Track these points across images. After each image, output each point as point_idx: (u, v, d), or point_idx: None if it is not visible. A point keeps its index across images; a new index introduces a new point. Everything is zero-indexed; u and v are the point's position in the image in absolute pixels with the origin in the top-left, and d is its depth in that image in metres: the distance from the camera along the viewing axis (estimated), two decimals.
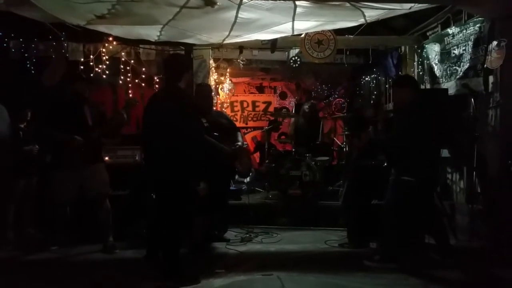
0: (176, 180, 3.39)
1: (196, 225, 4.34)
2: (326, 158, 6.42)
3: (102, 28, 4.95)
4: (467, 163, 5.01)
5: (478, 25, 4.81)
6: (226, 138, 4.48)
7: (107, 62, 5.80)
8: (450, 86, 5.30)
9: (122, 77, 5.91)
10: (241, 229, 5.04)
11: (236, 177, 6.78)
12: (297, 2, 4.11)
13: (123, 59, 5.93)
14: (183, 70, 3.54)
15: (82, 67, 5.66)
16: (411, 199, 3.75)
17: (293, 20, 4.65)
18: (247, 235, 4.83)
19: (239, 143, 4.62)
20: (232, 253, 4.25)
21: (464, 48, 5.09)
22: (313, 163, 5.91)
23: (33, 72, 5.82)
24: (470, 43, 4.94)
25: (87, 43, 5.84)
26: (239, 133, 4.81)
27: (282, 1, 4.06)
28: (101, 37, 5.61)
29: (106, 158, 4.75)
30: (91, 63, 5.70)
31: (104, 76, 5.78)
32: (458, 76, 5.18)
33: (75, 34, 5.47)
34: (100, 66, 5.74)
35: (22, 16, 4.49)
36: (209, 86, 5.19)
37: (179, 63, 3.65)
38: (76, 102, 4.27)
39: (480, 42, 4.77)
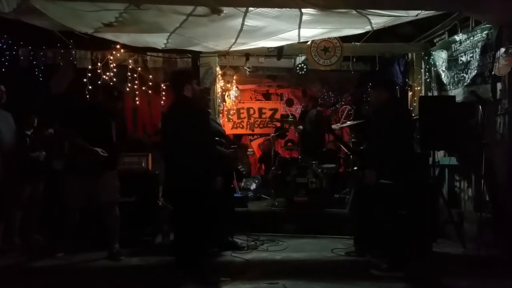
0: (201, 185, 3.51)
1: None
2: (333, 165, 6.39)
3: (109, 36, 5.00)
4: (475, 171, 4.97)
5: (485, 32, 4.78)
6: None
7: (115, 70, 5.86)
8: (457, 93, 5.26)
9: (129, 85, 5.95)
10: (247, 237, 5.00)
11: (243, 182, 6.81)
12: (303, 10, 4.12)
13: (130, 66, 5.98)
14: (184, 83, 3.71)
15: (89, 74, 5.71)
16: (392, 202, 3.76)
17: (299, 27, 4.66)
18: (253, 243, 4.80)
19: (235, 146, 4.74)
20: (238, 261, 4.21)
21: (471, 55, 5.06)
22: (319, 170, 5.88)
23: (41, 79, 5.89)
24: (478, 50, 4.92)
25: (95, 50, 5.91)
26: (228, 138, 4.95)
27: (288, 9, 4.07)
28: (109, 45, 5.67)
29: None
30: (99, 71, 5.75)
31: (111, 84, 5.82)
32: (465, 83, 5.15)
33: (83, 42, 5.52)
34: (108, 73, 5.79)
35: (30, 24, 4.55)
36: (205, 89, 5.27)
37: (177, 78, 3.84)
38: (106, 118, 4.33)
39: (487, 49, 4.74)
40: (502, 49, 4.42)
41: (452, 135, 4.76)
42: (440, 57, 5.79)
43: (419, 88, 6.37)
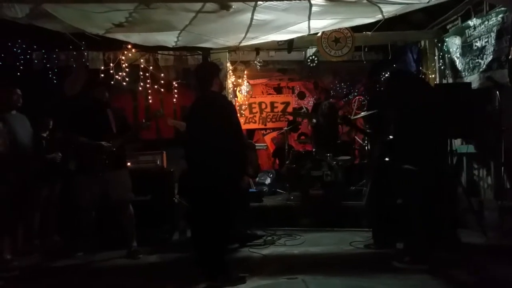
0: (230, 183, 3.44)
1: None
2: (348, 157, 6.33)
3: (120, 36, 5.02)
4: (494, 158, 4.87)
5: (500, 16, 4.66)
6: None
7: (127, 70, 5.89)
8: (473, 79, 5.16)
9: (141, 84, 5.99)
10: (264, 232, 5.01)
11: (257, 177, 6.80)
12: (312, 1, 4.06)
13: (142, 66, 6.02)
14: (213, 76, 3.58)
15: (102, 75, 5.76)
16: (417, 189, 3.67)
17: (309, 19, 4.60)
18: (270, 238, 4.80)
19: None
20: (256, 256, 4.22)
21: (486, 40, 4.95)
22: (334, 162, 5.84)
23: (55, 81, 5.96)
24: (493, 34, 4.80)
25: (107, 51, 5.96)
26: None
27: (297, 1, 4.02)
28: (120, 45, 5.70)
29: (128, 163, 4.77)
30: (111, 71, 5.79)
31: (124, 83, 5.86)
32: (481, 69, 5.04)
33: (94, 43, 5.58)
34: (120, 73, 5.83)
35: (43, 28, 4.60)
36: None
37: (206, 71, 3.69)
38: (97, 108, 4.34)
39: (503, 33, 4.63)
40: None
41: (469, 123, 4.67)
42: (454, 44, 5.68)
43: (433, 75, 6.25)
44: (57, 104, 5.41)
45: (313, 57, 6.43)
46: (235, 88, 7.23)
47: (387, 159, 4.21)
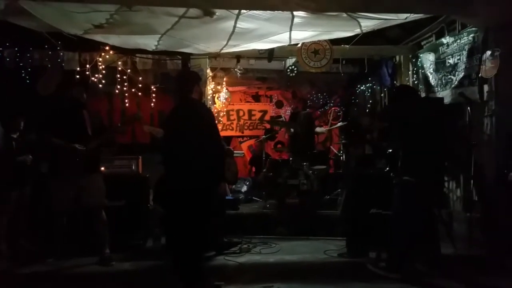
0: (209, 187, 3.44)
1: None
2: (324, 167, 6.41)
3: (99, 37, 4.94)
4: (464, 171, 5.04)
5: (472, 35, 4.86)
6: None
7: (103, 72, 5.76)
8: (445, 95, 5.34)
9: (118, 87, 5.88)
10: (240, 239, 4.98)
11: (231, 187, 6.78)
12: (295, 13, 4.15)
13: (119, 68, 5.90)
14: (193, 84, 3.59)
15: (77, 76, 5.62)
16: (413, 201, 3.74)
17: (291, 30, 4.69)
18: (246, 246, 4.78)
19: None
20: (231, 264, 4.20)
21: (458, 57, 5.14)
22: (310, 171, 5.90)
23: (28, 81, 5.77)
24: (465, 52, 4.99)
25: (83, 52, 5.80)
26: None
27: (280, 12, 4.08)
28: (97, 46, 5.58)
29: (102, 168, 4.64)
30: (87, 73, 5.66)
31: (100, 86, 5.74)
32: (453, 85, 5.22)
33: (70, 43, 5.44)
34: (96, 75, 5.70)
35: (16, 25, 4.47)
36: None
37: (187, 78, 3.71)
38: (73, 108, 4.23)
39: (474, 52, 4.82)
40: (488, 52, 4.49)
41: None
42: (428, 60, 5.87)
43: None
44: (29, 104, 5.24)
45: (293, 67, 6.51)
46: (214, 95, 7.21)
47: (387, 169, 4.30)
